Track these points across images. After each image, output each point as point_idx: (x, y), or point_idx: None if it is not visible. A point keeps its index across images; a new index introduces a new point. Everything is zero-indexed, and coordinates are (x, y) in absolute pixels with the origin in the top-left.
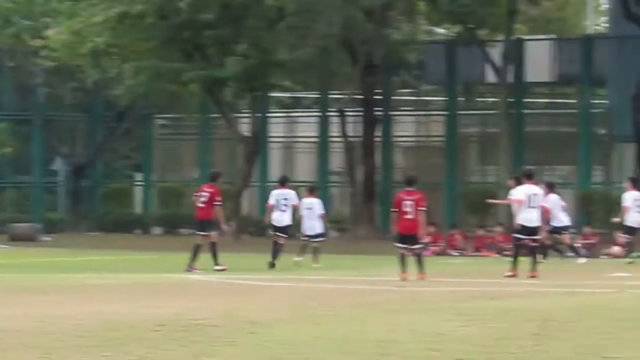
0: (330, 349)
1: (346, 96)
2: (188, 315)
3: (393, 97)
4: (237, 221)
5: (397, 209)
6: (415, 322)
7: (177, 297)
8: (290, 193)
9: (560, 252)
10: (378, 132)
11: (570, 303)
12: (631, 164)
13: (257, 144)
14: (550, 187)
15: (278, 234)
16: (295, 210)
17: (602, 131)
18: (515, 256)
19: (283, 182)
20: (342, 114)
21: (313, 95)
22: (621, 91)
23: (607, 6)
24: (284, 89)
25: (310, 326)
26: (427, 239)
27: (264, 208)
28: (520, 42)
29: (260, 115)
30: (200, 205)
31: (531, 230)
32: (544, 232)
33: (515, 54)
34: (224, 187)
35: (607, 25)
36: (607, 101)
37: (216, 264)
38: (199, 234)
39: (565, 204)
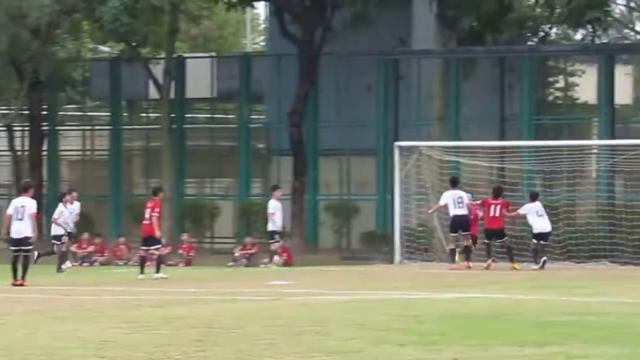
0: None
1: (13, 111)
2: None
3: (59, 113)
4: None
5: None
6: (81, 330)
7: None
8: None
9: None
10: (45, 146)
11: (231, 310)
12: (289, 176)
13: None
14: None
15: None
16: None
17: (261, 145)
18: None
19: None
20: (9, 129)
21: None
22: (278, 107)
23: (265, 25)
24: None
25: None
26: (92, 248)
27: None
28: (181, 59)
29: None
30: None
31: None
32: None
33: (176, 70)
34: None
35: (264, 43)
36: (265, 116)
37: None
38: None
39: None
